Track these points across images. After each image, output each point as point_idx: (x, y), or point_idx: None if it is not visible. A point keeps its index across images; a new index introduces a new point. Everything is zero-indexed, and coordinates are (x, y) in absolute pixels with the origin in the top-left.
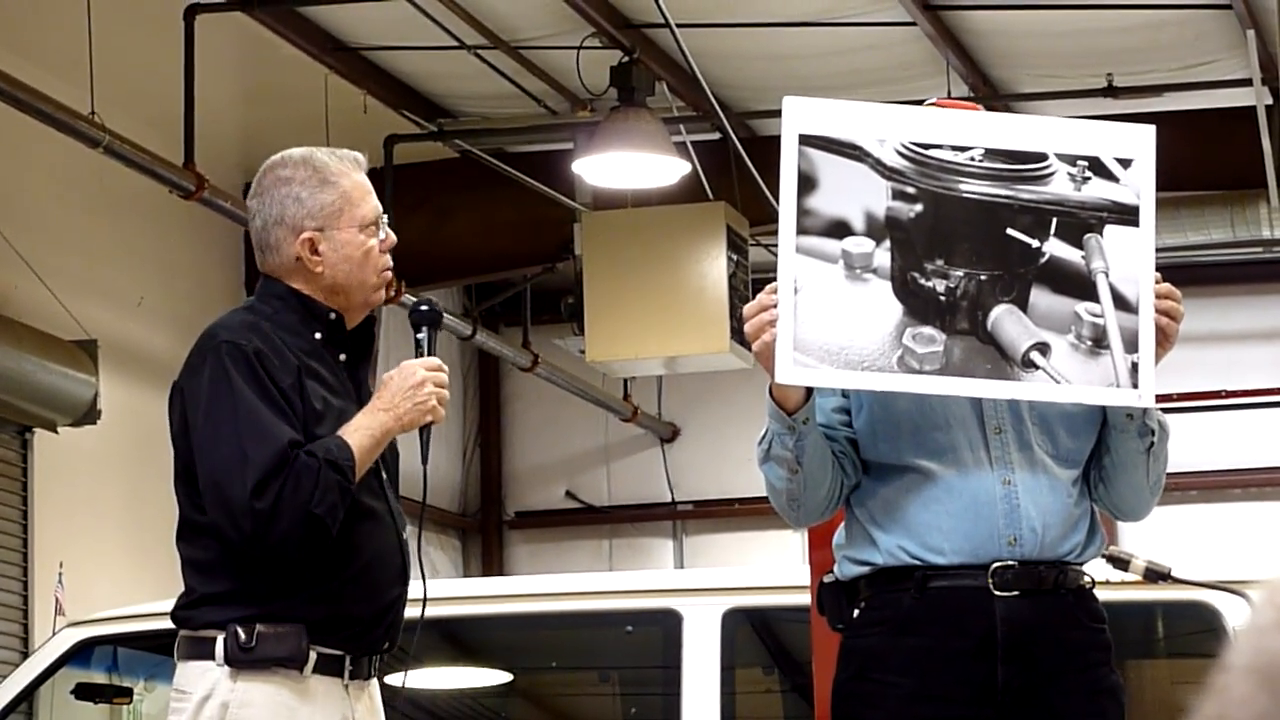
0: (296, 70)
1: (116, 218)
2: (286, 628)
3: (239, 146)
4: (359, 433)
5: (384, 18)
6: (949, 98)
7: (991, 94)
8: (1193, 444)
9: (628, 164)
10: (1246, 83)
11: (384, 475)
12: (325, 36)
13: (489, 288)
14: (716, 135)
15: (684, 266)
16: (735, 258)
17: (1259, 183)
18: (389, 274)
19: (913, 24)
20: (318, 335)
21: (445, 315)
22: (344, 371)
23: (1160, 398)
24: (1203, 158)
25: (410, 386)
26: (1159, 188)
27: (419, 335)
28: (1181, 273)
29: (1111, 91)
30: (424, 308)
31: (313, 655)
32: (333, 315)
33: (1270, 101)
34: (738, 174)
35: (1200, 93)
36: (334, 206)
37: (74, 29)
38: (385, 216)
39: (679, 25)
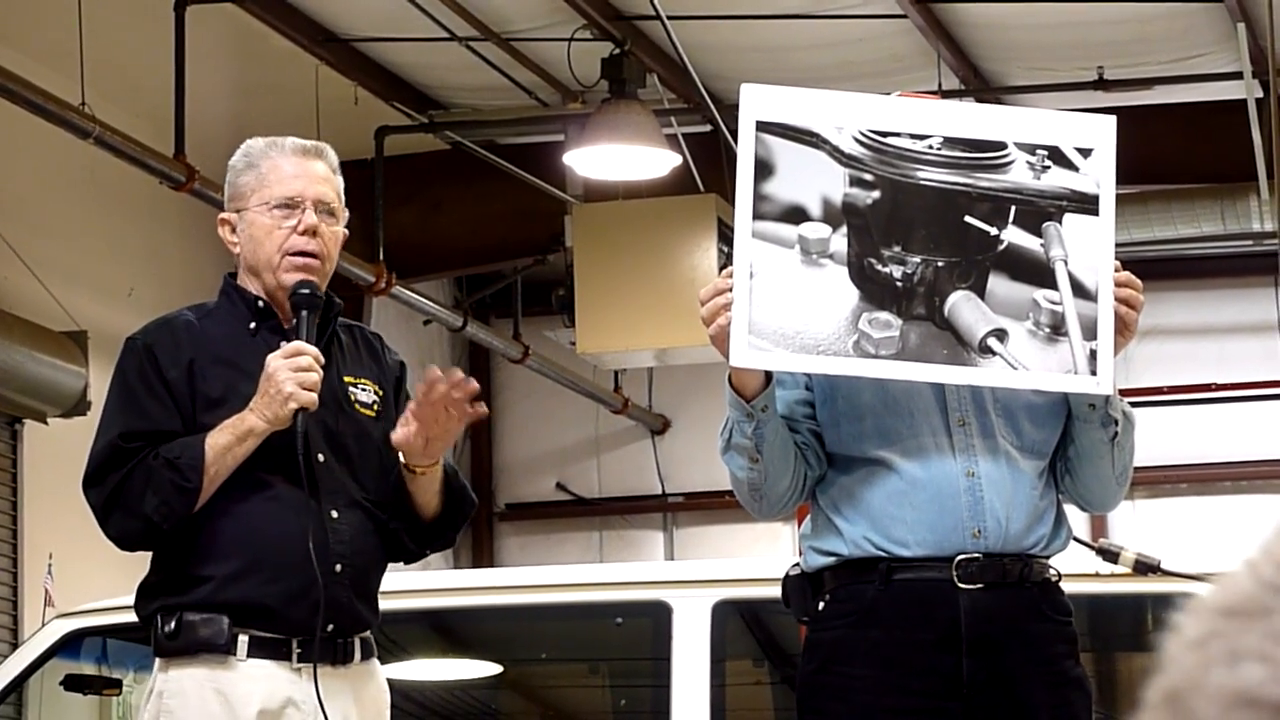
0: (287, 62)
1: (107, 209)
2: (210, 614)
3: (229, 138)
4: (219, 431)
5: (375, 9)
6: (939, 90)
7: (982, 87)
8: (1183, 437)
9: (619, 156)
10: (1237, 75)
11: (319, 457)
12: (316, 28)
13: (480, 279)
14: (707, 127)
15: (675, 258)
16: (726, 250)
17: (1249, 176)
18: (303, 258)
19: (903, 17)
20: (252, 325)
21: (436, 306)
22: None
23: (1150, 390)
24: (1193, 150)
25: (264, 380)
26: (1150, 180)
27: (293, 320)
28: (1172, 266)
29: (1102, 84)
30: (303, 290)
31: (244, 639)
32: (260, 303)
33: (1260, 94)
34: (728, 166)
35: (1191, 86)
36: (248, 187)
37: (64, 19)
38: (325, 204)
39: (670, 17)
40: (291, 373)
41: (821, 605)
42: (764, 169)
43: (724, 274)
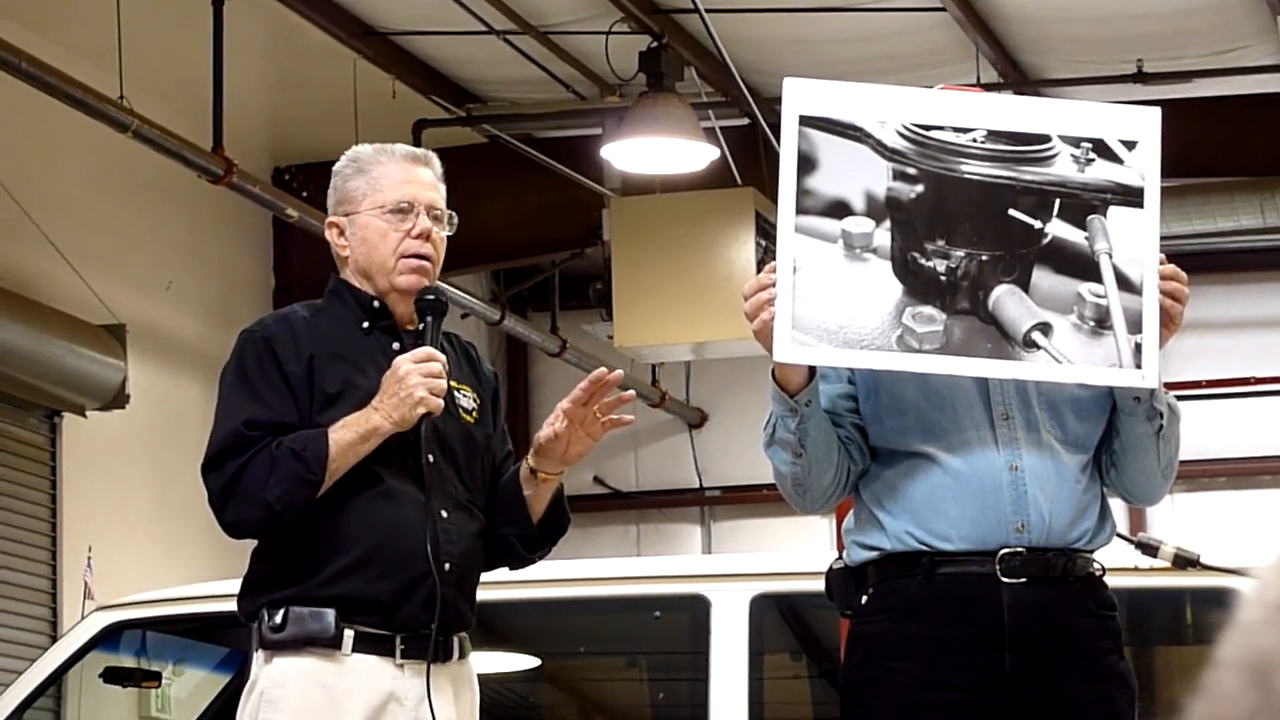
0: (325, 55)
1: (145, 202)
2: (319, 608)
3: (267, 131)
4: (344, 428)
5: (413, 3)
6: (978, 83)
7: (1021, 80)
8: (1222, 430)
9: (656, 149)
10: (1277, 69)
11: (429, 458)
12: (354, 21)
13: (517, 273)
14: (745, 121)
15: (712, 252)
16: (764, 243)
17: None
18: (417, 261)
19: (942, 9)
20: (364, 324)
21: (473, 300)
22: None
23: (1189, 384)
24: (1232, 144)
25: (394, 382)
26: (1189, 174)
27: (420, 325)
28: (1211, 259)
29: (1142, 77)
30: (428, 296)
31: (349, 634)
32: (376, 304)
33: None
34: (766, 159)
35: (1230, 79)
36: (359, 192)
37: (103, 13)
38: (435, 210)
39: (708, 10)
40: (423, 377)
41: (864, 599)
42: (807, 163)
43: (767, 269)
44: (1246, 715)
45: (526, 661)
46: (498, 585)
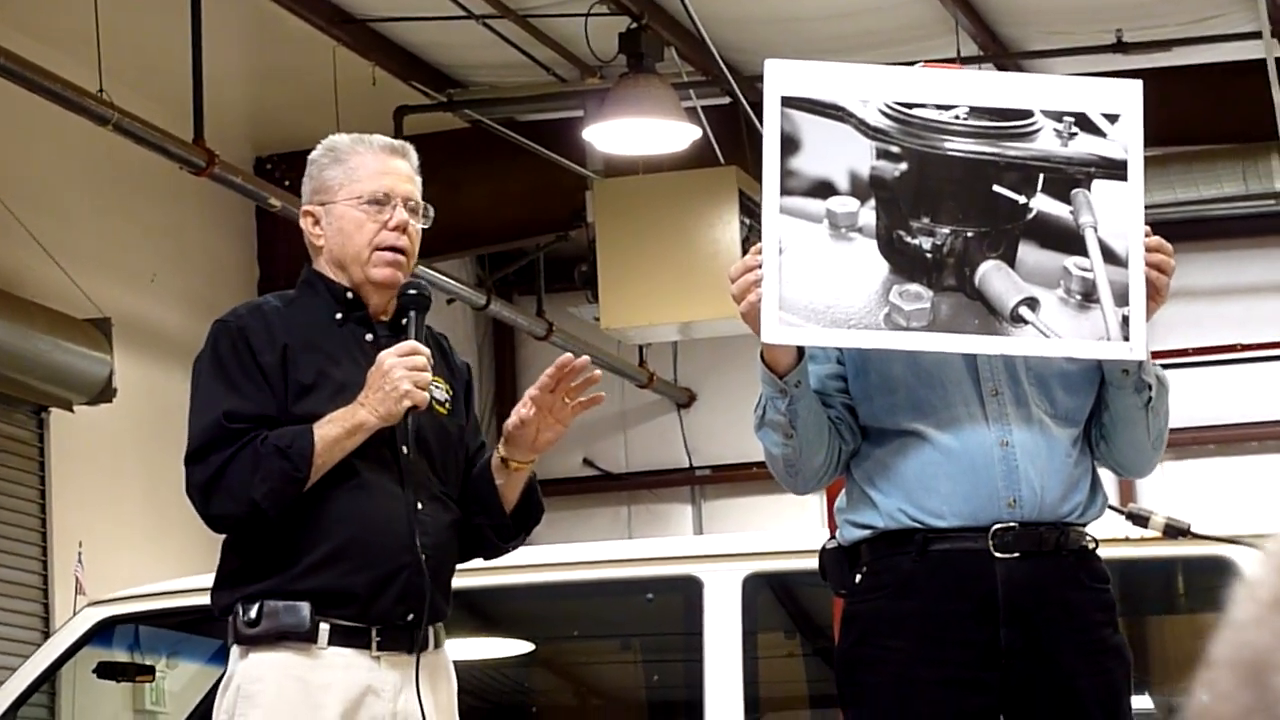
0: (304, 44)
1: (127, 195)
2: (293, 601)
3: (248, 121)
4: (329, 424)
5: None
6: (958, 57)
7: (1001, 52)
8: (1208, 398)
9: (638, 130)
10: (1256, 35)
11: (404, 450)
12: (332, 9)
13: (502, 257)
14: (726, 100)
15: (697, 232)
16: (748, 222)
17: (1270, 135)
18: (392, 254)
19: None
20: (338, 315)
21: (458, 285)
22: (373, 351)
23: (1175, 352)
24: (1213, 111)
25: (379, 376)
26: (1171, 142)
27: (403, 320)
28: (1194, 227)
29: (1121, 47)
30: (411, 291)
31: (325, 627)
32: (350, 295)
33: None
34: (749, 138)
35: (1210, 46)
36: (335, 181)
37: (81, 6)
38: (411, 202)
39: None
40: (407, 371)
41: (858, 578)
42: (790, 144)
43: (753, 251)
44: (1241, 714)
45: (520, 646)
46: (490, 571)
